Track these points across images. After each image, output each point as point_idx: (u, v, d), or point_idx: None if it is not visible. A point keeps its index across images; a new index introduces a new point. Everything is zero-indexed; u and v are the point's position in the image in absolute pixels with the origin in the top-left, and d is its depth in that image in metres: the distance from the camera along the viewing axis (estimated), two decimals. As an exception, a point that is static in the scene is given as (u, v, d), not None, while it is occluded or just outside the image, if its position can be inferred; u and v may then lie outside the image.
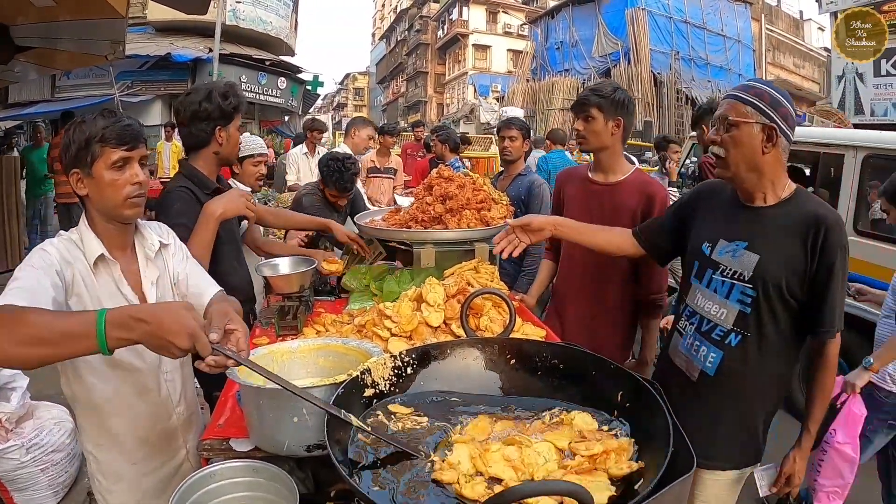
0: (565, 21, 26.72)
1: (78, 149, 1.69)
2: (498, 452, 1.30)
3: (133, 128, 1.74)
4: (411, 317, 2.10)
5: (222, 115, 2.51)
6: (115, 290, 1.79)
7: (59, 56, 7.88)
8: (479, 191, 2.88)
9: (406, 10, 56.35)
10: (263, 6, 22.23)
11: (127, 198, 1.73)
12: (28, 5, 5.49)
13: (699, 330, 2.09)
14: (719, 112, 1.98)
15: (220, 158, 2.60)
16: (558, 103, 23.37)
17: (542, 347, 1.72)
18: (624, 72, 21.57)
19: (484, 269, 2.52)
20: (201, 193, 2.49)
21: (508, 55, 42.57)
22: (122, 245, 1.84)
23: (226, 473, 1.53)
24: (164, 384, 1.94)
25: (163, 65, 18.94)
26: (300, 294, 2.46)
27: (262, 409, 1.53)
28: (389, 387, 1.56)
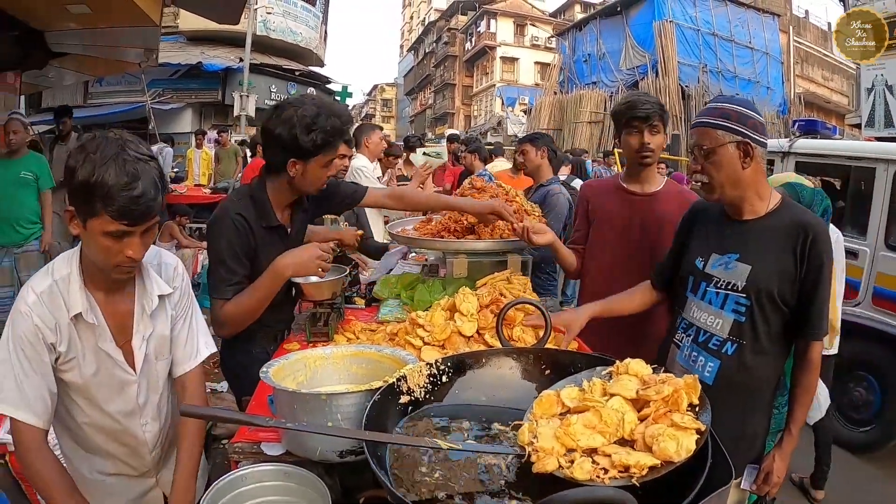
0: (593, 34, 26.62)
1: (78, 190, 1.47)
2: (578, 423, 1.29)
3: (147, 201, 1.48)
4: (444, 326, 2.10)
5: (297, 149, 2.23)
6: (95, 346, 1.68)
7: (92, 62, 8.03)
8: (512, 202, 2.87)
9: (434, 23, 56.70)
10: (293, 17, 22.51)
11: (116, 266, 1.57)
12: (63, 12, 5.63)
13: (696, 341, 2.17)
14: (693, 141, 2.06)
15: (294, 189, 2.37)
16: (586, 116, 23.25)
17: (577, 358, 1.70)
18: (651, 84, 21.39)
19: (517, 280, 2.51)
20: (258, 226, 2.31)
21: (536, 67, 42.62)
22: (115, 288, 1.71)
23: (256, 476, 1.53)
24: (142, 433, 1.84)
25: (194, 73, 19.22)
26: (332, 301, 2.46)
27: (296, 413, 1.52)
28: (424, 394, 1.56)
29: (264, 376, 1.63)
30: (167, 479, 1.98)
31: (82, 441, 1.81)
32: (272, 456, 1.63)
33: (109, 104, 19.30)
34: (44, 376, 1.61)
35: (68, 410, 1.75)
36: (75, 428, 1.79)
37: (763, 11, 24.40)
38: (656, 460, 1.18)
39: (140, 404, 1.80)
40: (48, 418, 1.64)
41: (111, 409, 1.76)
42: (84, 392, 1.71)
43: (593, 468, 1.20)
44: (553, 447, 1.26)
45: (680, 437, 1.20)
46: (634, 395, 1.37)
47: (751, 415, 2.11)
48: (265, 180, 2.39)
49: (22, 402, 1.58)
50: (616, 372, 1.49)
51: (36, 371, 1.59)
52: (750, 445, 2.14)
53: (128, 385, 1.75)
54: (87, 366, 1.67)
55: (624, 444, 1.27)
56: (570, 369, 1.64)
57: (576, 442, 1.26)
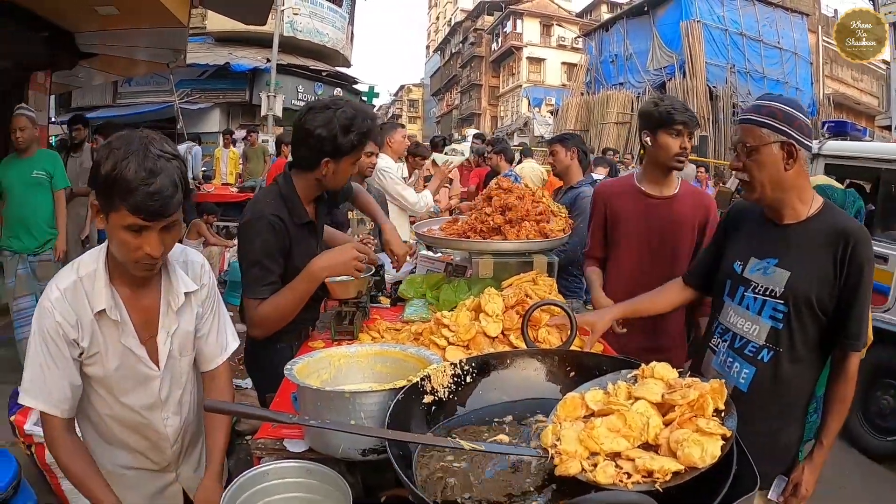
0: (619, 34, 26.47)
1: (101, 184, 1.50)
2: (602, 427, 1.28)
3: (164, 197, 1.48)
4: (469, 326, 2.09)
5: (335, 149, 2.27)
6: (117, 341, 1.69)
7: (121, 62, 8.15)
8: (538, 202, 2.86)
9: (460, 23, 56.69)
10: (320, 18, 22.67)
11: (136, 261, 1.57)
12: (93, 13, 5.71)
13: (732, 347, 2.12)
14: (736, 138, 2.02)
15: (321, 186, 2.42)
16: (613, 117, 23.12)
17: (603, 360, 1.69)
18: (679, 85, 21.21)
19: (542, 281, 2.49)
20: (291, 223, 2.33)
21: (562, 68, 42.42)
22: (141, 284, 1.72)
23: (279, 472, 1.53)
24: (163, 427, 1.85)
25: (222, 74, 19.45)
26: (357, 300, 2.47)
27: (320, 411, 1.52)
28: (448, 395, 1.55)
29: (288, 373, 1.64)
30: (187, 475, 2.01)
31: (104, 433, 1.83)
32: (295, 453, 1.64)
33: (138, 104, 19.60)
34: (66, 370, 1.64)
35: (91, 402, 1.78)
36: (97, 420, 1.81)
37: (791, 11, 24.04)
38: (680, 466, 1.16)
39: (162, 399, 1.81)
40: (69, 409, 1.69)
41: (133, 403, 1.78)
42: (106, 385, 1.74)
43: (616, 472, 1.19)
44: (576, 450, 1.24)
45: (705, 442, 1.18)
46: (660, 399, 1.35)
47: (784, 424, 2.06)
48: (291, 178, 2.40)
49: (43, 393, 1.64)
50: (641, 375, 1.47)
51: (58, 365, 1.63)
52: (782, 455, 2.08)
53: (150, 380, 1.77)
54: (110, 361, 1.70)
55: (648, 448, 1.26)
56: (595, 372, 1.62)
57: (599, 445, 1.25)
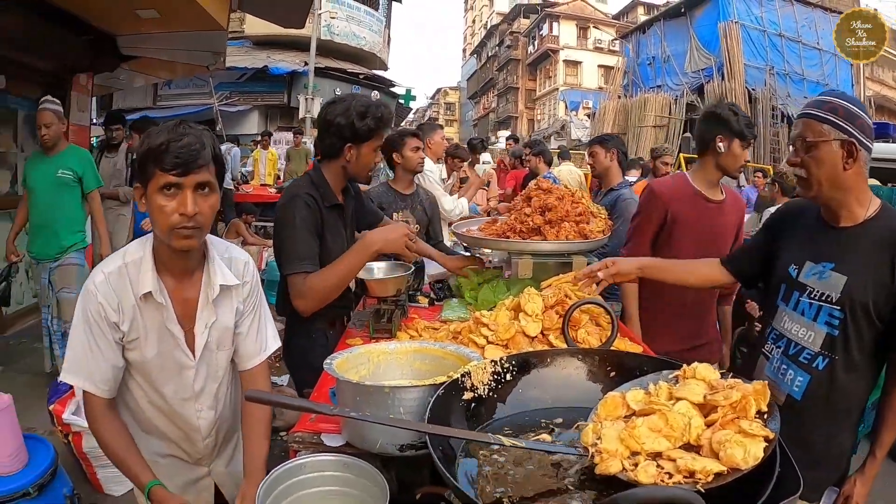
0: (657, 36, 26.13)
1: (139, 164, 1.60)
2: (644, 426, 1.26)
3: (191, 149, 1.55)
4: (508, 325, 2.07)
5: (354, 134, 2.46)
6: (161, 325, 1.72)
7: (162, 65, 8.28)
8: (578, 203, 2.84)
9: (496, 26, 56.75)
10: (357, 22, 22.85)
11: (173, 228, 1.58)
12: (134, 17, 5.81)
13: (786, 353, 2.04)
14: (796, 132, 1.95)
15: (347, 173, 2.58)
16: (650, 120, 22.85)
17: (644, 361, 1.67)
18: (717, 88, 20.82)
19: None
20: (322, 205, 2.48)
21: (599, 71, 42.17)
22: (183, 271, 1.75)
23: (316, 466, 1.54)
24: (196, 419, 1.88)
25: (260, 77, 19.72)
26: (396, 298, 2.48)
27: (359, 405, 1.52)
28: (488, 392, 1.54)
29: (328, 367, 1.64)
30: (220, 470, 2.03)
31: (140, 419, 1.87)
32: (332, 447, 1.64)
33: (178, 106, 19.93)
34: (108, 351, 1.68)
35: (129, 388, 1.82)
36: (134, 406, 1.85)
37: (831, 11, 23.36)
38: (722, 467, 1.15)
39: (196, 391, 1.83)
40: (111, 389, 1.73)
41: (167, 392, 1.80)
42: (143, 372, 1.77)
43: (658, 472, 1.17)
44: (617, 449, 1.23)
45: (748, 444, 1.16)
46: (701, 400, 1.33)
47: (837, 433, 1.99)
48: (321, 168, 2.59)
49: (85, 373, 1.68)
50: (683, 376, 1.45)
51: (101, 346, 1.67)
52: (834, 465, 2.01)
53: (185, 369, 1.79)
54: (149, 347, 1.73)
55: (689, 449, 1.24)
56: (636, 372, 1.60)
57: (640, 445, 1.23)
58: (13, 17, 5.10)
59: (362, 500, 1.49)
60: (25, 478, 2.66)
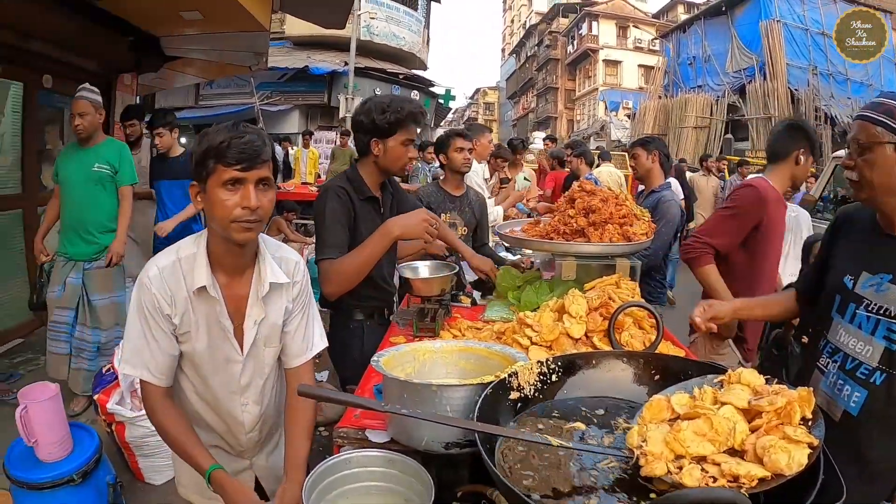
0: (697, 35, 25.75)
1: (197, 162, 1.64)
2: (689, 430, 1.26)
3: (253, 145, 1.61)
4: (553, 327, 2.08)
5: (375, 128, 2.57)
6: (214, 318, 1.76)
7: (205, 65, 8.38)
8: (622, 206, 2.83)
9: (535, 26, 56.42)
10: (396, 22, 22.92)
11: (234, 221, 1.62)
12: (177, 18, 5.89)
13: (842, 368, 1.94)
14: (851, 134, 1.88)
15: (380, 168, 2.66)
16: (691, 121, 22.56)
17: (689, 365, 1.66)
18: (759, 88, 20.48)
19: (625, 285, 2.46)
20: (356, 197, 2.59)
21: (639, 71, 41.61)
22: (236, 268, 1.78)
23: (361, 461, 1.56)
24: (241, 412, 1.92)
25: (301, 77, 19.90)
26: (440, 297, 2.50)
27: (406, 402, 1.53)
28: (534, 392, 1.56)
29: (375, 364, 1.67)
30: (261, 464, 2.07)
31: (187, 411, 1.90)
32: (377, 443, 1.67)
33: (220, 105, 20.24)
34: (163, 341, 1.73)
35: (177, 379, 1.86)
36: (182, 397, 1.89)
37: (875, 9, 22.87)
38: (767, 472, 1.15)
39: (243, 385, 1.87)
40: (167, 378, 1.78)
41: (214, 384, 1.85)
42: (192, 363, 1.81)
43: (702, 476, 1.18)
44: (662, 452, 1.24)
45: (792, 450, 1.16)
46: (746, 405, 1.32)
47: (894, 448, 1.91)
48: (357, 165, 2.71)
49: (141, 362, 1.74)
50: (728, 381, 1.44)
51: (156, 336, 1.72)
52: (889, 480, 1.95)
53: (233, 363, 1.83)
54: (199, 340, 1.77)
55: (733, 454, 1.24)
56: (681, 376, 1.60)
57: (685, 448, 1.23)
58: (60, 19, 5.22)
59: (407, 496, 1.51)
60: (70, 465, 2.73)
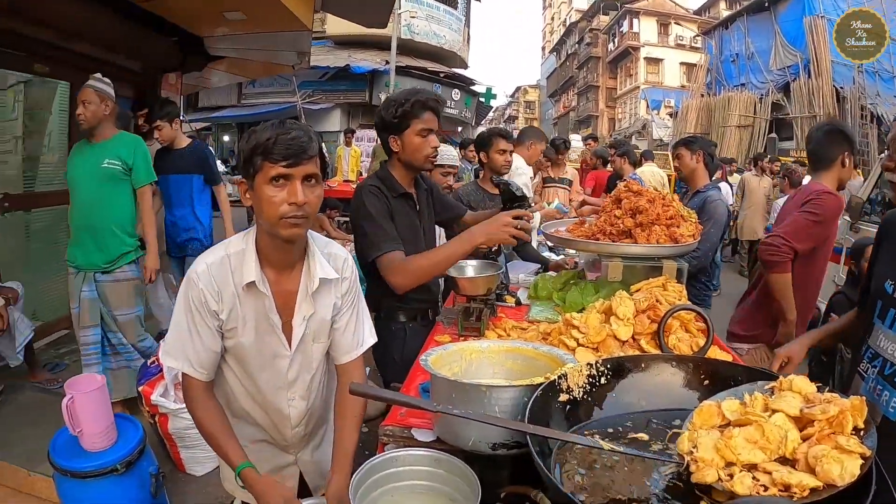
0: (740, 32, 25.17)
1: (244, 159, 1.66)
2: (740, 437, 1.25)
3: (299, 141, 1.62)
4: (599, 329, 2.06)
5: (388, 125, 2.61)
6: (263, 314, 1.78)
7: (248, 65, 8.46)
8: (669, 206, 2.79)
9: (575, 24, 55.92)
10: (437, 21, 22.96)
11: (282, 217, 1.63)
12: (221, 18, 5.97)
13: (882, 373, 1.93)
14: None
15: (405, 164, 2.67)
16: (734, 120, 22.13)
17: (738, 370, 1.63)
18: (804, 86, 19.95)
19: (672, 287, 2.43)
20: (389, 194, 2.61)
21: (681, 69, 40.89)
22: (285, 264, 1.80)
23: (407, 460, 1.56)
24: (287, 407, 1.94)
25: (342, 75, 20.05)
26: (486, 297, 2.50)
27: (454, 402, 1.52)
28: (583, 395, 1.55)
29: (424, 363, 1.68)
30: (306, 459, 2.09)
31: (232, 405, 1.94)
32: (423, 442, 1.67)
33: (262, 104, 20.53)
34: (207, 336, 1.76)
35: (223, 373, 1.90)
36: (227, 391, 1.92)
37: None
38: (819, 482, 1.13)
39: (290, 380, 1.89)
40: (209, 373, 1.82)
41: (261, 379, 1.87)
42: (239, 359, 1.84)
43: (753, 484, 1.16)
44: (713, 459, 1.22)
45: (844, 460, 1.14)
46: (798, 413, 1.30)
47: None
48: (386, 165, 2.74)
49: (183, 355, 1.77)
50: (779, 388, 1.42)
51: (200, 332, 1.75)
52: None
53: (280, 359, 1.85)
54: (247, 335, 1.79)
55: (784, 462, 1.22)
56: (730, 382, 1.57)
57: (736, 456, 1.22)
58: (105, 20, 5.32)
59: (452, 497, 1.51)
60: (114, 455, 2.78)
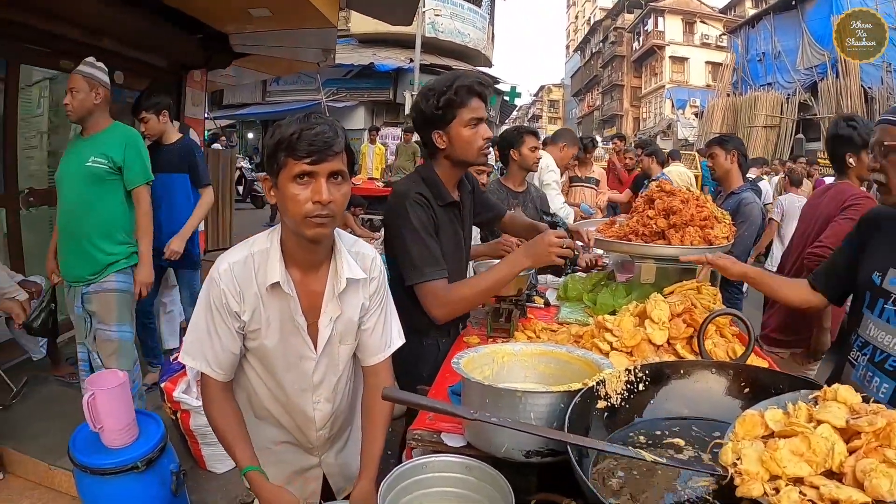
0: (766, 30, 24.83)
1: (268, 155, 1.61)
2: (785, 449, 1.20)
3: (324, 136, 1.56)
4: (634, 332, 2.01)
5: (430, 119, 2.35)
6: (288, 315, 1.74)
7: (273, 62, 8.47)
8: (703, 207, 2.73)
9: (600, 22, 55.65)
10: (461, 19, 22.98)
11: (306, 216, 1.58)
12: (246, 15, 5.98)
13: (872, 361, 2.01)
14: (874, 138, 1.94)
15: (452, 161, 2.41)
16: (761, 120, 21.87)
17: (780, 379, 1.57)
18: (832, 86, 19.67)
19: (706, 291, 2.38)
20: (435, 203, 2.37)
21: (707, 68, 40.54)
22: (310, 264, 1.75)
23: (437, 466, 1.52)
24: (312, 410, 1.90)
25: (366, 73, 20.15)
26: (517, 297, 2.46)
27: (487, 407, 1.49)
28: (621, 402, 1.51)
29: (456, 366, 1.64)
30: (330, 462, 2.05)
31: (256, 407, 1.91)
32: (452, 447, 1.63)
33: (286, 102, 20.63)
34: (227, 337, 1.73)
35: (246, 375, 1.87)
36: (251, 393, 1.89)
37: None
38: (867, 497, 1.08)
39: (315, 382, 1.85)
40: (226, 374, 1.79)
41: (286, 382, 1.83)
42: (263, 361, 1.81)
43: (800, 499, 1.11)
44: (758, 472, 1.17)
45: (894, 474, 1.09)
46: (843, 425, 1.24)
47: None
48: (430, 164, 2.47)
49: (201, 355, 1.75)
50: (823, 398, 1.36)
51: (220, 332, 1.72)
52: None
53: (306, 361, 1.81)
54: (270, 337, 1.75)
55: (830, 476, 1.17)
56: (771, 389, 1.52)
57: (782, 469, 1.17)
58: (130, 17, 5.36)
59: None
60: (135, 452, 2.78)
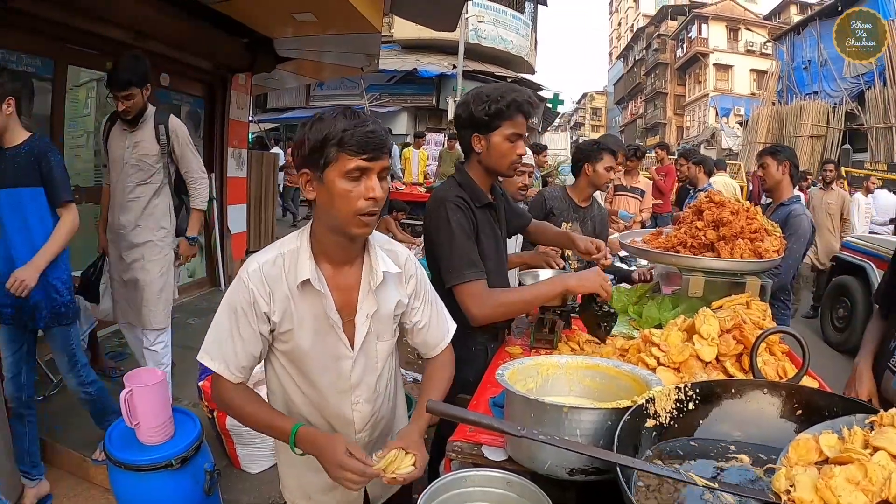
0: (812, 37, 24.20)
1: (312, 149, 1.55)
2: (840, 477, 1.16)
3: (377, 135, 1.54)
4: (682, 348, 1.96)
5: (475, 122, 2.35)
6: (321, 313, 1.69)
7: (317, 66, 8.57)
8: (753, 219, 2.66)
9: (643, 29, 55.16)
10: (504, 25, 22.94)
11: (357, 213, 1.55)
12: (291, 20, 6.04)
13: None
14: None
15: (485, 168, 2.43)
16: (807, 129, 21.40)
17: (835, 401, 1.51)
18: (879, 94, 19.14)
19: (755, 306, 2.30)
20: (474, 206, 2.38)
21: (751, 75, 39.89)
22: (345, 260, 1.71)
23: (477, 480, 1.50)
24: (351, 412, 1.83)
25: (409, 79, 20.29)
26: (562, 308, 2.43)
27: (532, 421, 1.46)
28: (670, 420, 1.47)
29: (500, 378, 1.62)
30: None
31: (293, 413, 1.83)
32: (493, 461, 1.61)
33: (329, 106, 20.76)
34: (250, 340, 1.68)
35: (279, 379, 1.81)
36: (287, 398, 1.83)
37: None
38: None
39: (353, 383, 1.79)
40: (244, 377, 1.73)
41: (322, 383, 1.77)
42: (297, 363, 1.75)
43: None
44: (812, 500, 1.13)
45: (952, 507, 1.04)
46: None
47: None
48: (465, 168, 2.49)
49: (220, 355, 1.68)
50: (879, 423, 1.30)
51: (242, 335, 1.67)
52: None
53: (342, 360, 1.75)
54: (304, 338, 1.70)
55: (886, 507, 1.13)
56: (825, 412, 1.46)
57: (836, 498, 1.12)
58: (175, 21, 5.46)
59: (521, 522, 1.45)
60: (170, 449, 2.80)
